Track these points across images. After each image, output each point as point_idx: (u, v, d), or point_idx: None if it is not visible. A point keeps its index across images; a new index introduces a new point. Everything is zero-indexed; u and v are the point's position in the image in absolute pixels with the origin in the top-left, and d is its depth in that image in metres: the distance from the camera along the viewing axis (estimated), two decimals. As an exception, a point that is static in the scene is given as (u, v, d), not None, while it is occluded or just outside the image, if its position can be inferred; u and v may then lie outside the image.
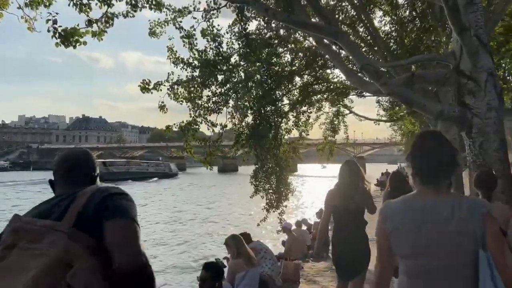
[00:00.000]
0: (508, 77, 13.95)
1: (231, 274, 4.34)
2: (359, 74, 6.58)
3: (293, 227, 10.04)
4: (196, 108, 10.24)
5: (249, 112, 13.42)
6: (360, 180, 4.41)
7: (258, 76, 13.51)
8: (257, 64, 13.50)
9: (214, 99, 10.52)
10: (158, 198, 36.05)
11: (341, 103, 15.12)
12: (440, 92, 8.69)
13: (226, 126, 10.94)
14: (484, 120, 5.53)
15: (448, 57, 6.00)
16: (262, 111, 13.48)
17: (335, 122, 15.63)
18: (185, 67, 9.71)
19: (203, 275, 4.00)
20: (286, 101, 14.95)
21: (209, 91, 10.38)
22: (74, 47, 6.31)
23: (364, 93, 14.05)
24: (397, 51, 10.22)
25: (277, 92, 14.00)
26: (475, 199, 2.04)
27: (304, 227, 11.97)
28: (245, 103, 13.25)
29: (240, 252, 4.40)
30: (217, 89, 10.37)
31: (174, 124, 9.88)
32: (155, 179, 62.37)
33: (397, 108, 15.30)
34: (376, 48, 10.95)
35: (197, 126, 10.30)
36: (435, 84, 6.29)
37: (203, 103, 10.36)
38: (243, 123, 13.48)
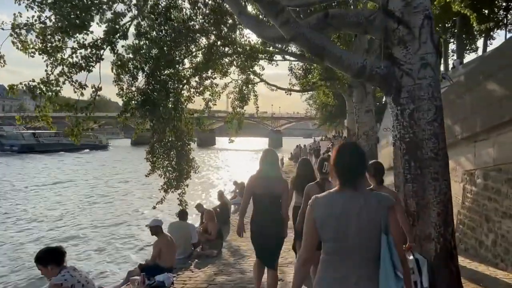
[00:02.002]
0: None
1: None
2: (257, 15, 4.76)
3: (174, 220, 8.09)
4: (56, 64, 7.74)
5: (140, 74, 11.22)
6: (278, 168, 4.72)
7: (153, 32, 11.35)
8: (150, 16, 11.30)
9: (82, 52, 8.04)
10: (67, 174, 31.99)
11: (250, 69, 13.35)
12: (357, 52, 7.24)
13: (100, 88, 8.52)
14: (417, 81, 4.05)
15: (373, -6, 4.39)
16: (158, 74, 11.33)
17: (245, 91, 13.85)
18: (31, 4, 7.12)
19: None
20: (188, 64, 12.91)
21: (74, 41, 7.89)
22: None
23: (274, 57, 12.46)
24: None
25: (176, 52, 11.91)
26: (383, 194, 2.28)
27: (194, 220, 10.12)
28: (136, 63, 11.03)
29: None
30: (84, 39, 7.90)
31: (21, 83, 7.31)
32: (86, 150, 61.77)
33: (310, 76, 13.92)
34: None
35: (58, 88, 7.82)
36: (356, 29, 4.68)
37: (66, 57, 7.85)
38: (133, 88, 11.24)
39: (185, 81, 12.51)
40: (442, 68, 35.74)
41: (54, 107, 7.96)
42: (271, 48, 12.59)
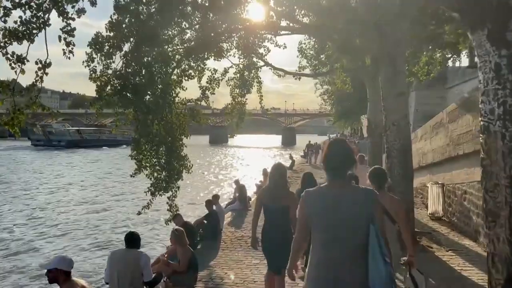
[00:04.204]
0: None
1: None
2: None
3: (120, 248, 5.86)
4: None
5: (117, 53, 9.39)
6: (286, 181, 4.95)
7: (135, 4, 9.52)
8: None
9: (22, 16, 6.10)
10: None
11: (253, 51, 11.34)
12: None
13: (49, 64, 6.51)
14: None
15: None
16: (142, 54, 9.52)
17: (246, 77, 11.84)
18: None
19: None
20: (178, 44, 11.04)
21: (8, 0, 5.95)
22: None
23: (280, 33, 10.39)
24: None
25: (164, 30, 10.09)
26: (368, 189, 2.54)
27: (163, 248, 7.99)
28: (113, 41, 9.22)
29: None
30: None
31: None
32: (124, 146, 66.53)
33: (323, 56, 11.74)
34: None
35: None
36: None
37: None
38: (109, 70, 9.42)
39: (174, 64, 10.59)
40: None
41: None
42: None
